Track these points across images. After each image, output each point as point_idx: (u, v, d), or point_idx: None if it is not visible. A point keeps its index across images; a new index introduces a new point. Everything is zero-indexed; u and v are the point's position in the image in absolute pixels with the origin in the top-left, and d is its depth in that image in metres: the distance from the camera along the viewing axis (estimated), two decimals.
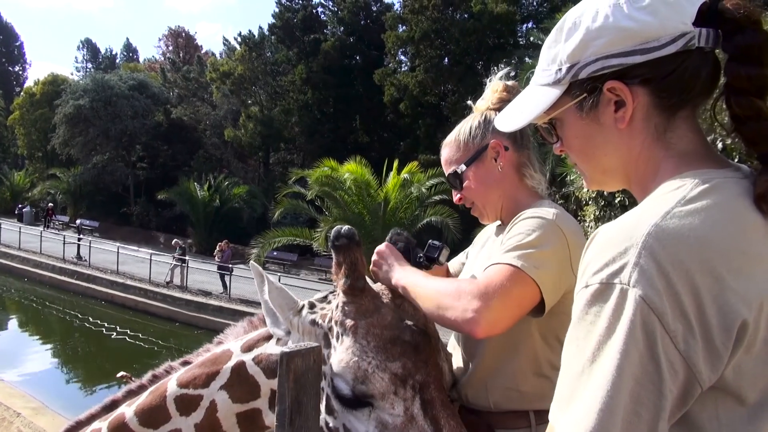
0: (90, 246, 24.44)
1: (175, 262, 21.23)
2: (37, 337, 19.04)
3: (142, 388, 1.73)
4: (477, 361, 1.58)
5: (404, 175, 16.89)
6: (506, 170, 1.68)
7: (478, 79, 29.44)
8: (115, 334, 17.39)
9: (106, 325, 18.24)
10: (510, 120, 1.11)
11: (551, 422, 0.86)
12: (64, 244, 24.82)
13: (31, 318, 20.94)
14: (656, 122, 0.94)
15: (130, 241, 30.15)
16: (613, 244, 0.81)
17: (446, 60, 28.80)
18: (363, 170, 16.90)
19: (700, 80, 0.92)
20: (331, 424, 1.37)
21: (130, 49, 71.19)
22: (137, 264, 22.61)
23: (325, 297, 1.54)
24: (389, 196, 16.88)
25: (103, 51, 69.51)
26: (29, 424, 9.82)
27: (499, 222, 1.79)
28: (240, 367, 1.58)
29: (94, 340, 17.68)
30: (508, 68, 1.79)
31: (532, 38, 24.96)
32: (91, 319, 18.96)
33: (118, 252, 22.70)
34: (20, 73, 69.72)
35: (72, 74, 60.20)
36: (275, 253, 23.55)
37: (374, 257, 1.60)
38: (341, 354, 1.33)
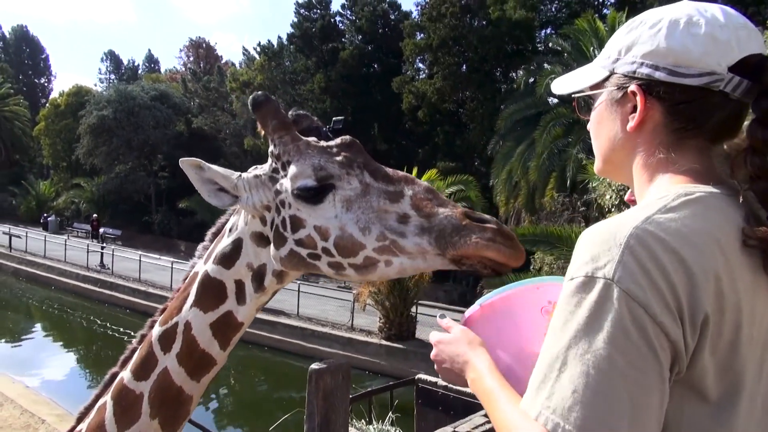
0: (113, 254, 24.78)
1: None
2: (61, 344, 19.33)
3: (134, 352, 1.75)
4: None
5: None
6: None
7: (497, 85, 29.35)
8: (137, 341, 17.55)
9: (128, 332, 18.44)
10: (563, 84, 1.20)
11: (522, 407, 0.89)
12: (87, 252, 25.20)
13: (56, 325, 21.27)
14: (661, 140, 1.00)
15: (151, 249, 30.51)
16: (598, 242, 0.88)
17: (464, 67, 28.76)
18: None
19: (711, 120, 0.97)
20: (303, 237, 1.47)
21: (151, 60, 72.42)
22: (159, 272, 22.84)
23: (255, 168, 1.67)
24: None
25: (125, 62, 70.84)
26: (53, 431, 9.94)
27: None
28: (204, 277, 1.63)
29: (117, 347, 17.87)
30: None
31: (551, 44, 24.80)
32: (115, 327, 19.21)
33: (140, 260, 22.98)
34: (46, 84, 71.35)
35: (96, 85, 61.47)
36: None
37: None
38: (295, 166, 1.49)
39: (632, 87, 1.01)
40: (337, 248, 1.44)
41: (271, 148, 1.58)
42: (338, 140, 1.55)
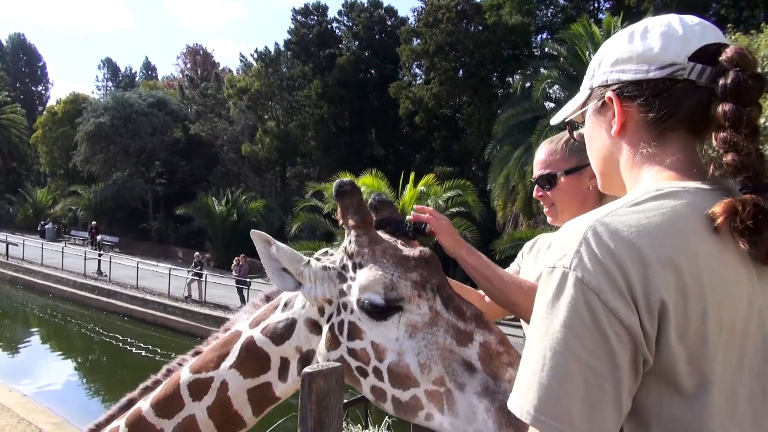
0: (110, 261, 24.73)
1: (191, 276, 21.38)
2: (59, 352, 19.25)
3: (157, 383, 1.76)
4: None
5: (421, 187, 16.92)
6: (594, 190, 1.89)
7: (493, 90, 29.40)
8: (135, 349, 17.51)
9: (126, 339, 18.39)
10: (559, 114, 1.27)
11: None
12: (85, 259, 25.14)
13: (53, 333, 21.19)
14: (642, 137, 1.05)
15: (149, 256, 30.44)
16: (565, 236, 0.94)
17: (461, 72, 28.83)
18: (379, 183, 16.94)
19: (681, 108, 1.02)
20: (357, 349, 1.42)
21: (149, 68, 72.51)
22: (156, 279, 22.80)
23: (326, 252, 1.64)
24: (406, 209, 16.85)
25: (123, 70, 70.93)
26: None
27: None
28: (249, 342, 1.61)
29: (115, 354, 17.81)
30: None
31: (546, 49, 24.88)
32: (112, 335, 19.13)
33: (137, 267, 22.93)
34: (43, 92, 71.31)
35: (93, 93, 61.49)
36: None
37: (438, 222, 1.71)
38: (366, 273, 1.43)
39: (608, 94, 1.08)
40: (390, 374, 1.37)
41: (345, 242, 1.54)
42: (417, 252, 1.48)
